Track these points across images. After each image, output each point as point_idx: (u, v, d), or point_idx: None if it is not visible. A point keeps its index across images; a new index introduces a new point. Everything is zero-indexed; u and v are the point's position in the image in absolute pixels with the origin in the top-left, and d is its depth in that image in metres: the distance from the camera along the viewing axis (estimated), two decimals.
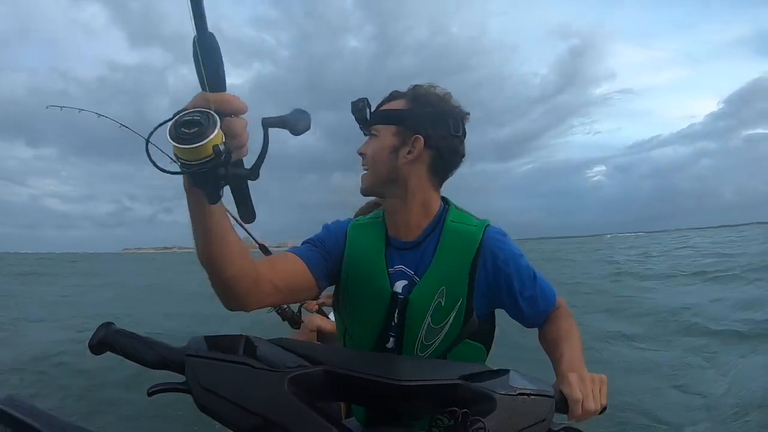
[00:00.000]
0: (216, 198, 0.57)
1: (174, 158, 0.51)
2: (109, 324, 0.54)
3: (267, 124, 0.56)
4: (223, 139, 0.50)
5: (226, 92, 0.53)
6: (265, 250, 2.10)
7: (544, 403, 0.61)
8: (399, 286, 0.91)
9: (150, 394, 0.52)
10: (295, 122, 0.58)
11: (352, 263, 0.94)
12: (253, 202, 0.62)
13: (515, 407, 0.57)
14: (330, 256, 0.94)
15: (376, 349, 0.93)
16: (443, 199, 0.99)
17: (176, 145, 0.48)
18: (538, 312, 0.95)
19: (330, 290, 1.86)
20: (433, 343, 0.89)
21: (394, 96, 0.94)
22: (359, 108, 0.94)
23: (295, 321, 2.05)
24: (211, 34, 0.49)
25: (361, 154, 0.96)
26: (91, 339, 0.53)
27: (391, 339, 0.92)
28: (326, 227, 1.00)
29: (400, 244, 0.94)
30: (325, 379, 0.55)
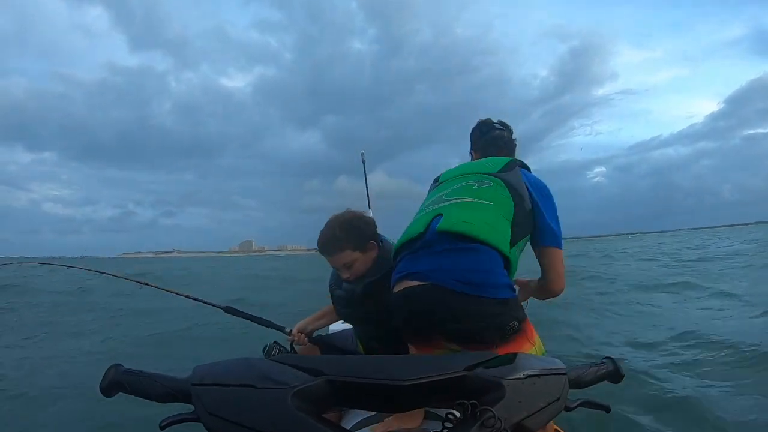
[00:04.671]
0: None
1: None
2: (117, 365, 0.55)
3: None
4: None
5: None
6: (230, 311, 2.15)
7: (555, 381, 0.61)
8: None
9: (162, 428, 0.53)
10: None
11: None
12: None
13: (526, 390, 0.57)
14: None
15: None
16: None
17: None
18: None
19: (304, 322, 1.88)
20: None
21: None
22: None
23: None
24: None
25: None
26: (101, 382, 0.53)
27: None
28: None
29: None
30: (328, 389, 0.55)
